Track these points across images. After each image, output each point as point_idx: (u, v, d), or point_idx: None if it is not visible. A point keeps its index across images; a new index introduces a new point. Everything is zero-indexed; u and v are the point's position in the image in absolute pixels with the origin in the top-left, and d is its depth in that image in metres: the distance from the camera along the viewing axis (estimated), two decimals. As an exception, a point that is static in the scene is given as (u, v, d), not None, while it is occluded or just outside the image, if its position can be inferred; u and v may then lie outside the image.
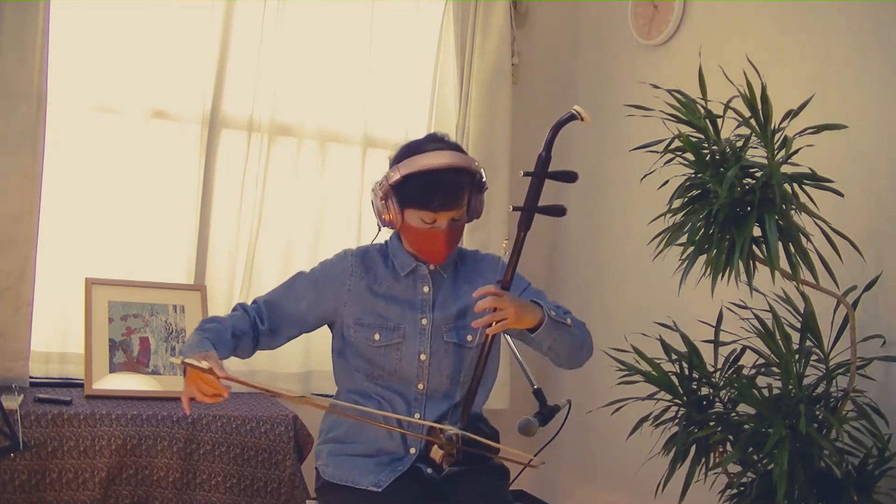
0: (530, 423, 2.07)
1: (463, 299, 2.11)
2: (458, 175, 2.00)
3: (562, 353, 2.05)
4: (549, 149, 1.95)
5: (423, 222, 2.01)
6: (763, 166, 2.00)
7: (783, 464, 1.88)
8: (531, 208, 1.98)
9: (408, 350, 2.08)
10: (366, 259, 2.15)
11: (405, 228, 2.05)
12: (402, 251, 2.13)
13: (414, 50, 3.42)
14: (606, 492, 3.26)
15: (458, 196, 2.00)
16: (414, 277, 2.12)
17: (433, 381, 2.09)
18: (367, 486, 2.02)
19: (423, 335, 2.09)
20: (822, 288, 2.09)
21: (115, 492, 2.59)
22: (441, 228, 2.01)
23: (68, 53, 2.94)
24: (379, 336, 2.08)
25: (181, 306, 3.02)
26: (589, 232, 3.45)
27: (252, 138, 3.18)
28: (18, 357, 2.80)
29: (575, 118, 1.94)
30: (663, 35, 3.11)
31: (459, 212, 2.03)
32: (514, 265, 1.99)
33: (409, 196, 2.00)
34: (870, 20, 2.44)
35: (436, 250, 2.04)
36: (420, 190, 1.98)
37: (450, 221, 2.01)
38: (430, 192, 1.98)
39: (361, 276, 2.12)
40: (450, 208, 1.99)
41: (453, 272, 2.15)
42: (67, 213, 2.99)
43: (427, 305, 2.11)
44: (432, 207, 1.99)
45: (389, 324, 2.09)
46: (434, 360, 2.09)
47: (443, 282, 2.13)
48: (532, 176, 1.97)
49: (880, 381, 2.25)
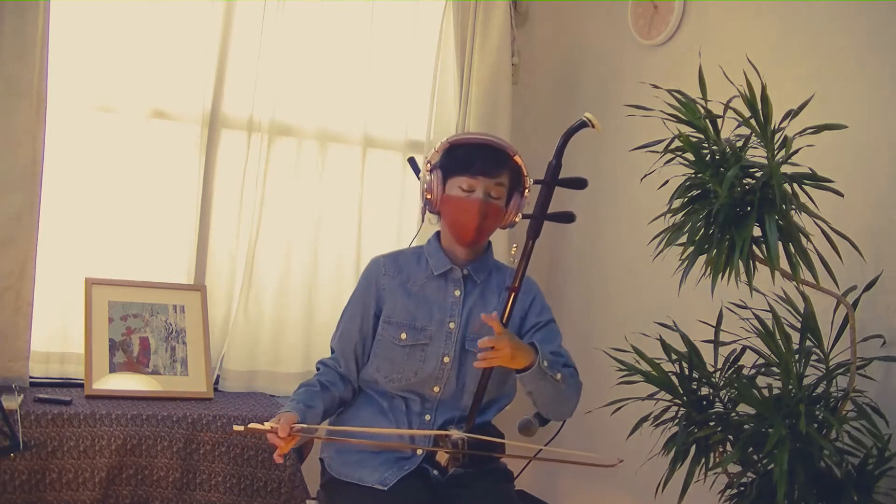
0: (530, 423, 2.08)
1: (491, 308, 2.15)
2: (499, 152, 2.11)
3: (540, 402, 2.10)
4: (559, 156, 1.97)
5: (461, 190, 2.08)
6: (763, 166, 2.00)
7: (783, 464, 1.88)
8: (540, 216, 2.00)
9: (433, 352, 2.12)
10: (398, 260, 2.22)
11: (444, 202, 2.12)
12: (438, 251, 2.18)
13: (414, 50, 3.42)
14: (606, 492, 3.26)
15: (498, 167, 2.09)
16: (447, 279, 2.17)
17: (449, 386, 2.13)
18: (372, 484, 2.04)
19: (448, 339, 2.13)
20: (822, 288, 2.09)
21: (115, 492, 2.59)
22: (477, 198, 2.07)
23: (68, 53, 2.93)
24: (406, 335, 2.12)
25: (181, 306, 3.02)
26: (589, 232, 3.44)
27: (252, 138, 3.17)
28: (18, 357, 2.80)
29: (586, 125, 1.95)
30: (663, 35, 3.11)
31: (497, 189, 2.09)
32: (523, 272, 2.03)
33: (453, 161, 2.10)
34: (870, 20, 2.44)
35: (468, 222, 2.09)
36: (463, 154, 2.10)
37: (486, 195, 2.07)
38: (472, 155, 2.08)
39: (394, 276, 2.18)
40: (488, 175, 2.07)
41: (486, 279, 2.20)
42: (67, 212, 2.98)
43: (457, 309, 2.15)
44: (472, 171, 2.07)
45: (417, 324, 2.13)
46: (455, 364, 2.12)
47: (474, 287, 2.18)
48: (542, 184, 1.99)
49: (880, 381, 2.25)
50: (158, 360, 2.93)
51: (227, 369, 3.15)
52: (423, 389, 2.12)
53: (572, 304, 3.49)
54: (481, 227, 2.10)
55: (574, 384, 2.12)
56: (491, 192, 2.08)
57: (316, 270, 3.27)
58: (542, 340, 2.12)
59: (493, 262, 2.25)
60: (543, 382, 2.02)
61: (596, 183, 3.46)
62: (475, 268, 2.18)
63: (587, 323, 3.40)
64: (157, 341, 2.95)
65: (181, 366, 2.95)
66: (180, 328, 2.99)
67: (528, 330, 2.18)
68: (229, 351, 3.16)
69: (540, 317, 2.19)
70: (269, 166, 3.19)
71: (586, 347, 2.74)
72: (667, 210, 2.13)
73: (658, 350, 2.27)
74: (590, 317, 3.41)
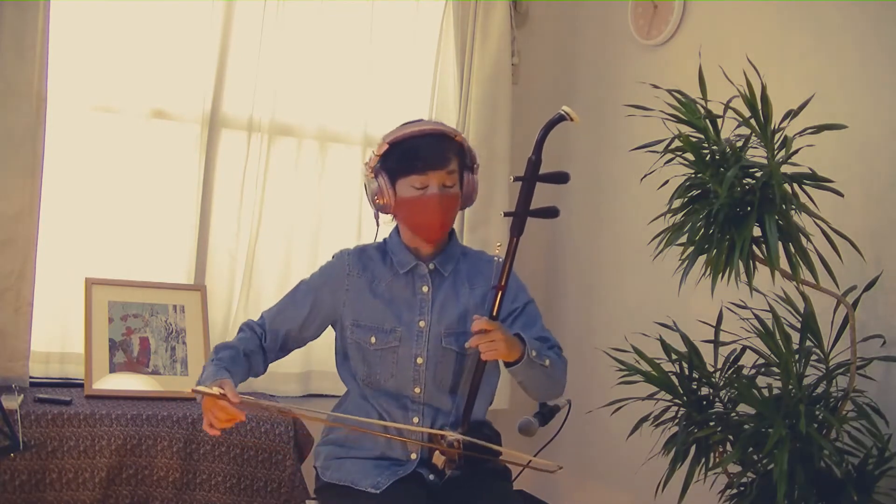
0: (530, 424, 2.07)
1: (462, 301, 2.10)
2: (441, 139, 2.04)
3: (530, 389, 2.09)
4: (538, 152, 1.95)
5: (414, 189, 2.02)
6: (763, 166, 2.00)
7: (783, 464, 1.88)
8: (522, 213, 1.97)
9: (404, 353, 2.07)
10: (363, 257, 2.15)
11: (399, 205, 2.05)
12: (401, 247, 2.12)
13: (414, 50, 3.42)
14: (606, 492, 3.26)
15: (443, 155, 2.02)
16: (413, 276, 2.11)
17: (430, 386, 2.08)
18: (365, 488, 2.01)
19: (420, 338, 2.07)
20: (822, 288, 2.09)
21: (115, 492, 2.59)
22: (433, 194, 2.01)
23: (68, 53, 2.93)
24: (375, 339, 2.07)
25: (181, 306, 3.02)
26: (589, 232, 3.45)
27: (252, 138, 3.18)
28: (18, 357, 2.80)
29: (564, 119, 1.93)
30: (663, 35, 3.11)
31: (450, 177, 2.03)
32: (509, 270, 1.98)
33: (397, 164, 2.03)
34: (870, 20, 2.44)
35: (430, 221, 2.04)
36: (405, 154, 2.02)
37: (441, 187, 2.02)
38: (415, 152, 2.01)
39: (359, 275, 2.12)
40: (436, 167, 2.01)
41: (454, 271, 2.13)
42: (67, 212, 2.98)
43: (426, 306, 2.09)
44: (419, 168, 2.01)
45: (386, 326, 2.08)
46: (431, 364, 2.07)
47: (443, 281, 2.12)
48: (523, 181, 1.97)
49: (880, 381, 2.25)
50: (158, 360, 2.93)
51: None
52: (405, 392, 2.08)
53: (572, 304, 3.49)
54: (444, 220, 2.04)
55: (561, 364, 2.10)
56: (445, 183, 2.02)
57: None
58: (525, 326, 2.08)
59: (459, 248, 2.18)
60: (533, 371, 2.00)
61: (596, 183, 3.48)
62: (441, 261, 2.11)
63: (587, 323, 3.39)
64: (157, 341, 2.95)
65: (181, 366, 2.95)
66: (180, 328, 2.99)
67: (507, 316, 2.11)
68: (229, 351, 3.15)
69: (516, 302, 2.13)
70: (269, 166, 3.19)
71: (586, 347, 2.74)
72: (667, 210, 2.13)
73: (658, 350, 2.27)
74: (590, 317, 3.41)
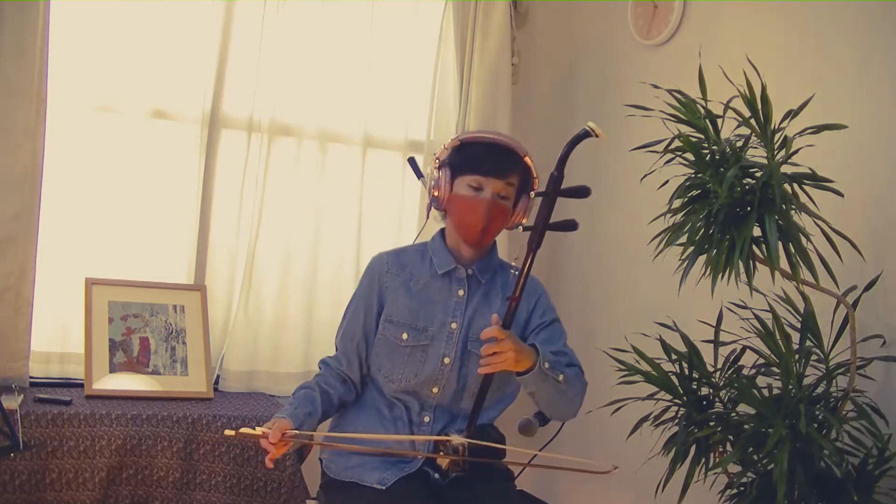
0: (530, 423, 2.07)
1: (494, 310, 2.12)
2: (510, 153, 2.09)
3: (542, 403, 2.08)
4: (561, 167, 1.95)
5: (469, 188, 2.07)
6: (763, 166, 2.00)
7: (783, 464, 1.88)
8: (542, 227, 1.98)
9: (433, 353, 2.11)
10: (401, 257, 2.20)
11: (451, 201, 2.09)
12: (442, 249, 2.16)
13: (414, 50, 3.42)
14: (606, 492, 3.26)
15: (509, 167, 2.08)
16: (450, 279, 2.15)
17: (449, 387, 2.12)
18: (371, 484, 2.03)
19: (450, 339, 2.11)
20: (822, 288, 2.09)
21: (115, 492, 2.59)
22: (485, 198, 2.05)
23: (68, 53, 2.93)
24: (407, 336, 2.11)
25: (181, 306, 3.02)
26: (589, 232, 3.44)
27: (252, 138, 3.18)
28: (18, 357, 2.80)
29: (589, 135, 1.92)
30: (663, 35, 3.11)
31: (507, 189, 2.08)
32: (524, 283, 1.99)
33: (463, 159, 2.09)
34: (870, 20, 2.44)
35: (475, 222, 2.07)
36: (471, 154, 2.08)
37: (494, 196, 2.06)
38: (481, 154, 2.07)
39: (397, 273, 2.17)
40: (498, 175, 2.06)
41: (490, 280, 2.18)
42: (67, 212, 2.98)
43: (459, 310, 2.13)
44: (482, 171, 2.05)
45: (419, 324, 2.12)
46: (455, 365, 2.11)
47: (478, 288, 2.16)
48: (544, 195, 1.97)
49: (880, 381, 2.25)
50: (158, 360, 2.93)
51: (227, 369, 3.15)
52: (422, 391, 2.11)
53: (572, 304, 3.49)
54: (487, 227, 2.08)
55: (578, 384, 2.10)
56: (500, 193, 2.07)
57: (316, 270, 3.27)
58: (546, 340, 2.11)
59: (498, 261, 2.23)
60: (545, 384, 2.00)
61: (596, 183, 3.45)
62: (480, 267, 2.17)
63: (587, 323, 3.39)
64: (157, 341, 2.95)
65: (181, 366, 2.95)
66: (180, 328, 2.99)
67: (532, 330, 2.16)
68: (229, 351, 3.16)
69: (544, 317, 2.17)
70: (269, 166, 3.19)
71: (586, 347, 2.74)
72: (667, 210, 2.13)
73: (658, 350, 2.27)
74: (590, 317, 3.41)
